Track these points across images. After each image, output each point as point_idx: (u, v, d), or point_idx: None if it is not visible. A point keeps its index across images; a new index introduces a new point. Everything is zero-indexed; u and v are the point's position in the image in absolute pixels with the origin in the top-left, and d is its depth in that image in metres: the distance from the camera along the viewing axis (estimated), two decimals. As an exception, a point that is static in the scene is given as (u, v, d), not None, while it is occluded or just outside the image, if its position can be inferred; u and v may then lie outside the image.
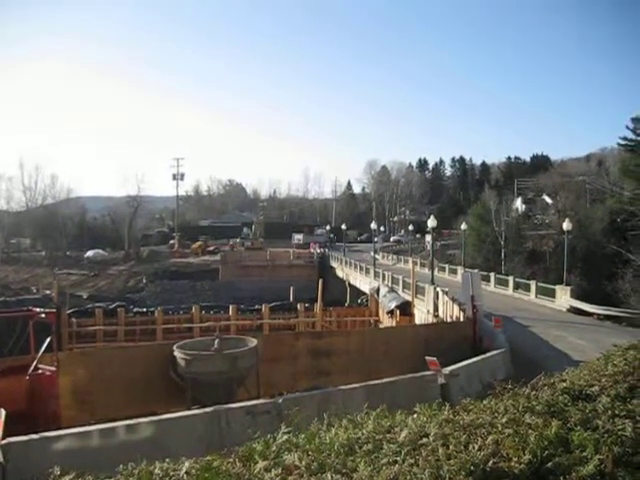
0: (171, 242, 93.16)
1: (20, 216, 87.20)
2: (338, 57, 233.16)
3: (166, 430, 9.51)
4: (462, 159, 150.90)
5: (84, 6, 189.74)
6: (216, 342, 15.36)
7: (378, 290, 36.56)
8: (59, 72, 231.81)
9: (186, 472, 4.01)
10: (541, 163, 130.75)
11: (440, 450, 3.79)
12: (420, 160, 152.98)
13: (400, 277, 36.80)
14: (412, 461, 3.68)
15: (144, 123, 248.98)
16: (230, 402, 11.60)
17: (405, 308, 30.29)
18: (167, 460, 4.38)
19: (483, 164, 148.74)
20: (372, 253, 58.69)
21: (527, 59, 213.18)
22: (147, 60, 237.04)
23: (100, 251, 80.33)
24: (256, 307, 38.20)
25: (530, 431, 3.97)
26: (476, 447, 3.77)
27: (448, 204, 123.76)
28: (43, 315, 14.38)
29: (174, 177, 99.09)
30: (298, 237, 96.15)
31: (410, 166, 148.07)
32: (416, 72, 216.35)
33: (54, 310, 16.36)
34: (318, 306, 36.53)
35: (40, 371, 12.66)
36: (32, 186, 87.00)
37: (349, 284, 52.06)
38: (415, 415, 5.08)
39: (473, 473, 3.46)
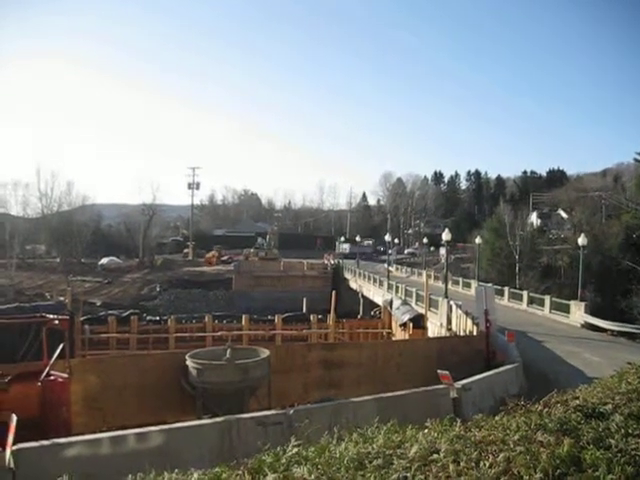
0: (185, 251, 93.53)
1: (36, 222, 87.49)
2: (356, 68, 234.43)
3: (176, 439, 9.48)
4: (477, 172, 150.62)
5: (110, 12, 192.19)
6: (228, 352, 15.35)
7: (391, 302, 36.42)
8: (77, 78, 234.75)
9: (195, 483, 4.00)
10: (557, 178, 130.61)
11: (451, 467, 3.76)
12: (435, 173, 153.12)
13: (413, 290, 36.62)
14: (422, 477, 3.66)
15: (161, 132, 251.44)
16: (241, 412, 11.57)
17: (418, 321, 30.22)
18: (176, 471, 4.37)
19: (498, 178, 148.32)
20: (386, 265, 58.47)
21: (544, 73, 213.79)
22: (167, 68, 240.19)
23: (114, 259, 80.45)
24: (269, 317, 38.28)
25: (542, 449, 3.93)
26: (487, 464, 3.73)
27: (463, 217, 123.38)
28: (56, 321, 14.39)
29: (189, 186, 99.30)
30: (344, 247, 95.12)
31: (425, 179, 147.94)
32: (433, 84, 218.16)
33: (67, 317, 16.41)
34: (331, 317, 36.52)
35: (52, 377, 12.64)
36: (48, 193, 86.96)
37: (362, 296, 51.80)
38: (426, 430, 5.05)
39: (484, 491, 3.44)
